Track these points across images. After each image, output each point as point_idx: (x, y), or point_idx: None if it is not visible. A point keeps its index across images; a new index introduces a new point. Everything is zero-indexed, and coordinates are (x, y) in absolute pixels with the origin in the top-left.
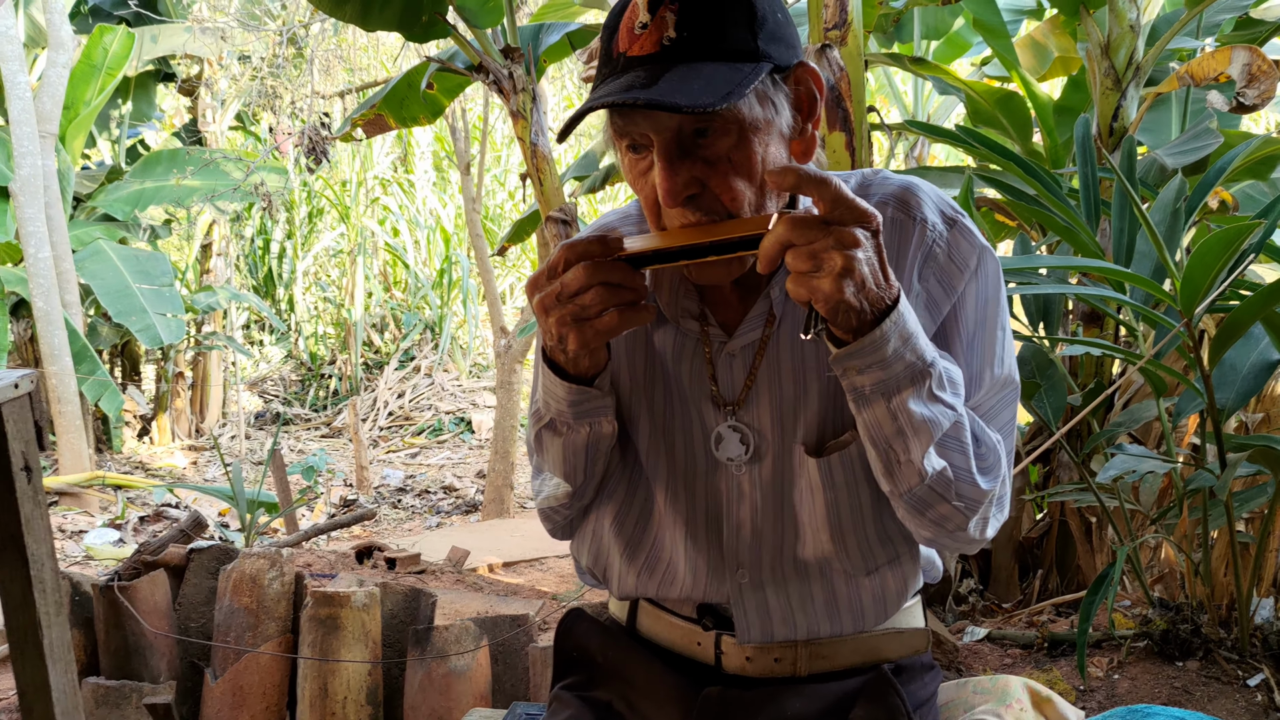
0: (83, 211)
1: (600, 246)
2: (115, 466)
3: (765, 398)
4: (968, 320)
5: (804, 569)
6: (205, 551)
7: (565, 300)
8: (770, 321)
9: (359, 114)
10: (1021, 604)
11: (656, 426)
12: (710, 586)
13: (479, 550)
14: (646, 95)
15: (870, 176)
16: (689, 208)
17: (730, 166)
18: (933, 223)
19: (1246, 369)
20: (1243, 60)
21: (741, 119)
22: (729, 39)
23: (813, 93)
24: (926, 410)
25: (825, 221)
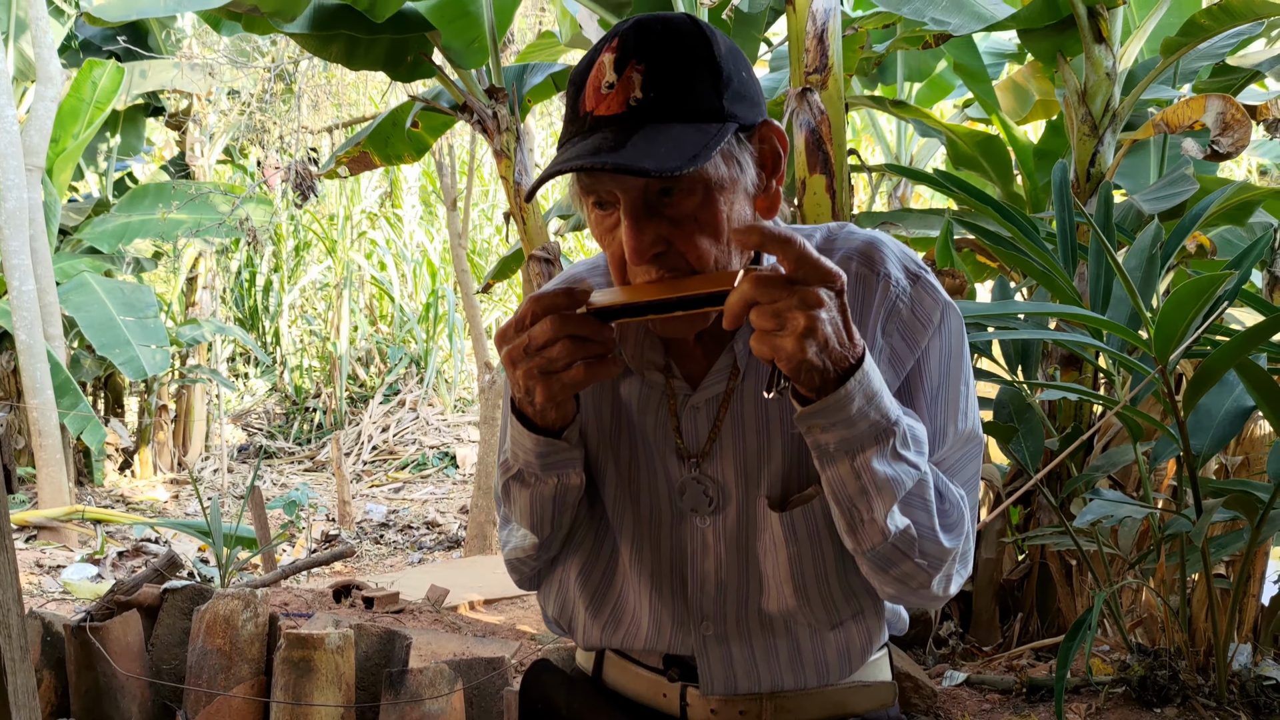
0: (68, 244)
1: (568, 299)
2: (96, 500)
3: (729, 451)
4: (931, 376)
5: (768, 622)
6: (179, 592)
7: (533, 353)
8: (735, 375)
9: (343, 151)
10: (1002, 647)
11: (622, 478)
12: (675, 639)
13: (461, 587)
14: (614, 159)
15: (836, 231)
16: (655, 265)
17: (696, 225)
18: (896, 278)
19: (1221, 415)
20: (1216, 109)
21: (707, 179)
22: (695, 99)
23: (776, 150)
24: (890, 469)
25: (790, 280)
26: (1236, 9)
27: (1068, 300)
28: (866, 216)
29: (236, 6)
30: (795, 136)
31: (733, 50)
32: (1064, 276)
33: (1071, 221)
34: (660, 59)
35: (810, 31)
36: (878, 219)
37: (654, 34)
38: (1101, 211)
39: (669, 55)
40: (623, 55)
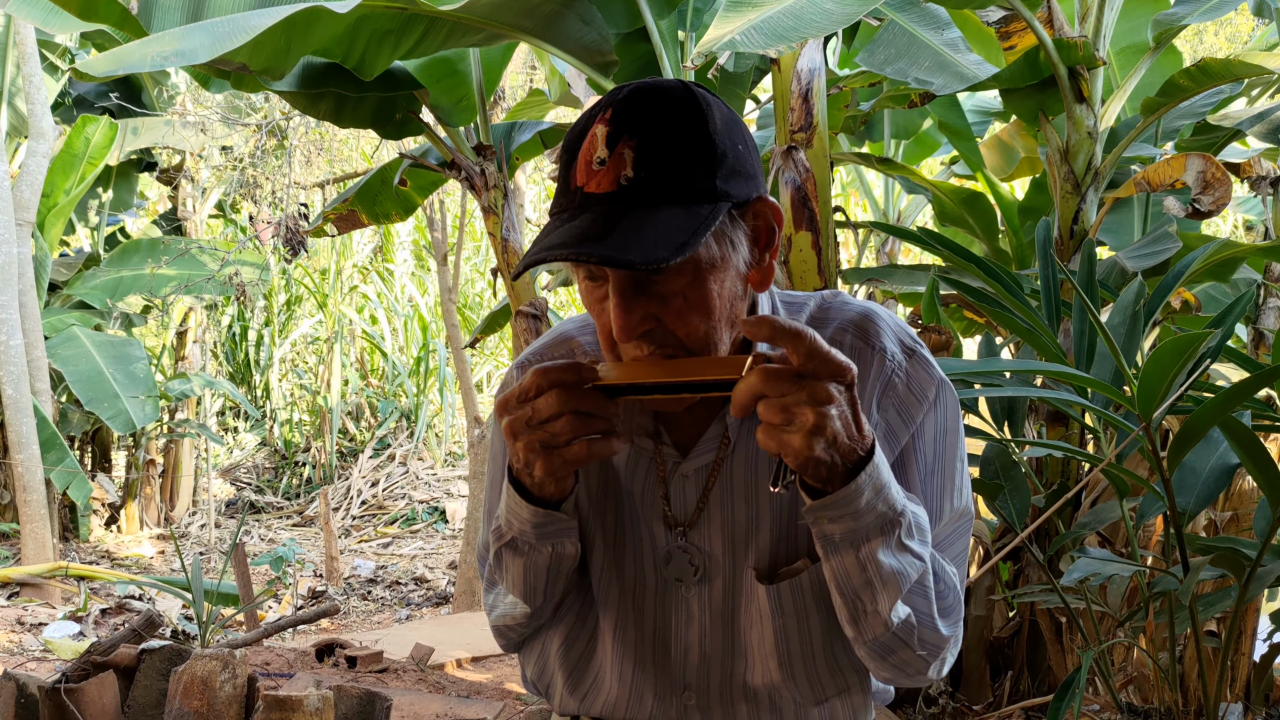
0: (58, 299)
1: (574, 375)
2: (81, 556)
3: (717, 520)
4: (925, 452)
5: (752, 695)
6: (156, 652)
7: (535, 426)
8: (725, 444)
9: (331, 209)
10: (993, 705)
11: (608, 544)
12: (656, 709)
13: (448, 644)
14: (600, 250)
15: (829, 300)
16: (644, 341)
17: (685, 304)
18: (892, 353)
19: (1206, 473)
20: (1197, 168)
21: (699, 259)
22: (688, 179)
23: (771, 225)
24: (895, 561)
25: (799, 374)
26: (1215, 70)
27: (1052, 357)
28: (854, 272)
29: (224, 64)
30: (781, 194)
31: (730, 122)
32: (1048, 334)
33: (1055, 279)
34: (653, 135)
35: (795, 90)
36: (865, 274)
37: (647, 106)
38: (1085, 269)
39: (662, 131)
40: (616, 129)
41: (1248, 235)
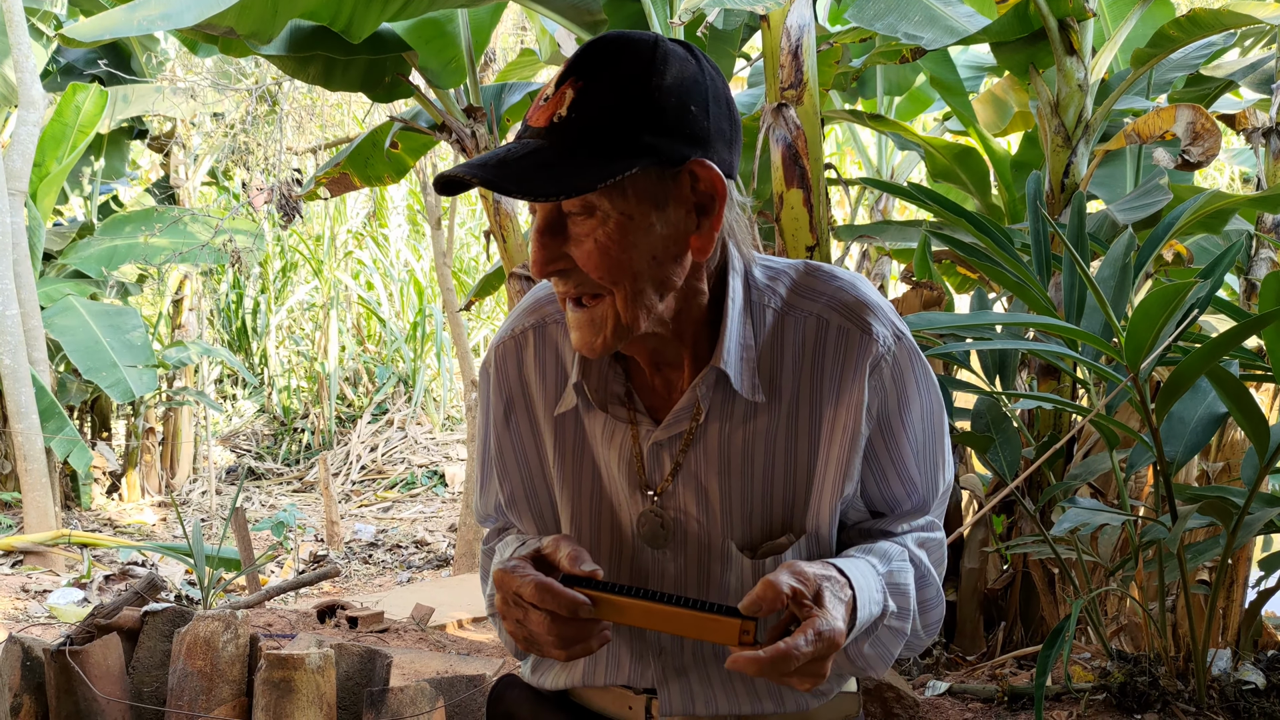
0: (53, 268)
1: (570, 610)
2: (83, 524)
3: (691, 486)
4: (916, 432)
5: (725, 655)
6: (159, 614)
7: (524, 625)
8: (698, 413)
9: (323, 172)
10: (986, 656)
11: (584, 509)
12: (634, 671)
13: (449, 605)
14: (488, 174)
15: (813, 271)
16: (558, 280)
17: (595, 248)
18: (882, 337)
19: (1195, 422)
20: (1187, 119)
21: (613, 207)
22: (611, 130)
23: (710, 191)
24: (880, 647)
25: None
26: (1204, 20)
27: (1042, 311)
28: (847, 229)
29: (211, 28)
30: (772, 151)
31: (686, 82)
32: (1038, 287)
33: (1045, 233)
34: (595, 81)
35: (785, 48)
36: (858, 231)
37: (603, 54)
38: (1074, 222)
39: (604, 79)
40: (569, 70)
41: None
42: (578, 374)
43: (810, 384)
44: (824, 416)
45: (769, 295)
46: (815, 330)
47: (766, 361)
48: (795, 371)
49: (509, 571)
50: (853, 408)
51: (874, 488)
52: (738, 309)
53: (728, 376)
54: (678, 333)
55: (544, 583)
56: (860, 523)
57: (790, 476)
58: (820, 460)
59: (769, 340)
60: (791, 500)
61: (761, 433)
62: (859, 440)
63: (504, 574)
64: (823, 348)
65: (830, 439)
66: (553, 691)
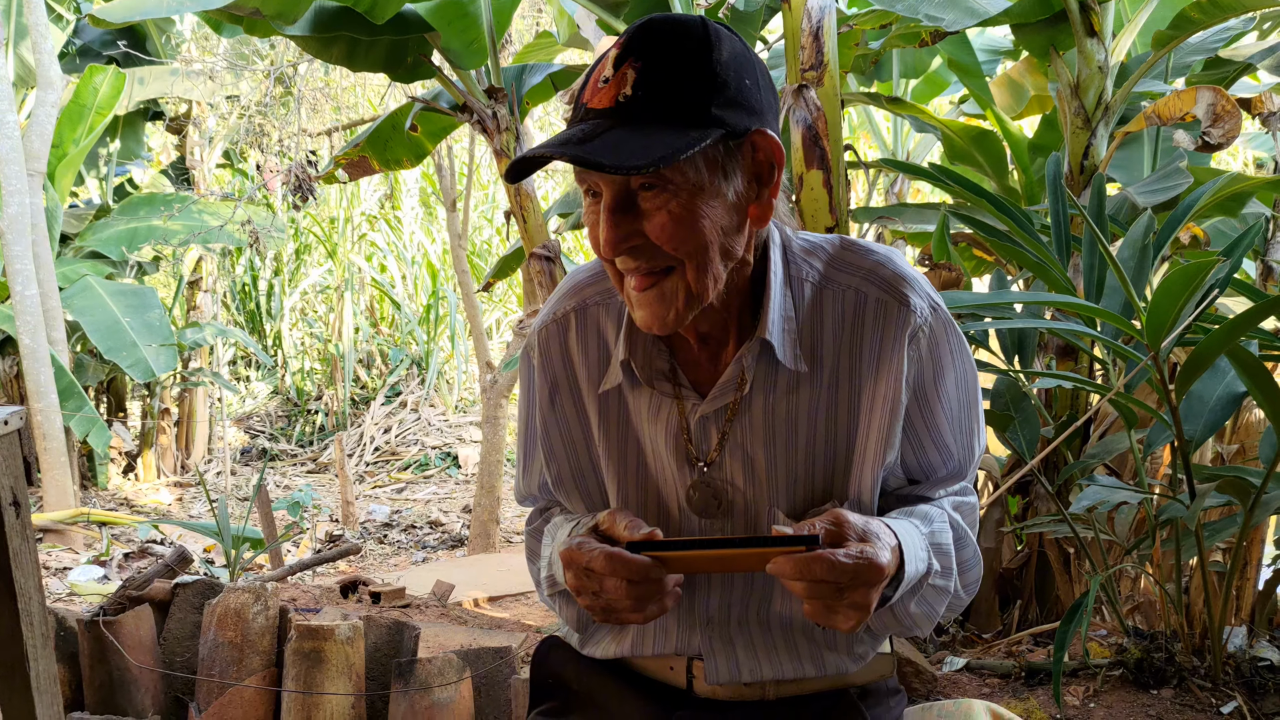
0: (70, 249)
1: (643, 575)
2: (100, 503)
3: (738, 457)
4: (951, 402)
5: (770, 624)
6: (190, 586)
7: (599, 596)
8: (742, 384)
9: (342, 154)
10: (1001, 634)
11: (632, 484)
12: (681, 640)
13: (465, 584)
14: (577, 151)
15: (849, 244)
16: (629, 257)
17: (669, 219)
18: (920, 308)
19: (1214, 401)
20: (1207, 100)
21: (686, 180)
22: (682, 103)
23: (770, 160)
24: (926, 605)
25: (839, 587)
26: (1226, 3)
27: (1062, 291)
28: (864, 212)
29: (238, 9)
30: (792, 133)
31: (741, 56)
32: (1058, 267)
33: (1065, 213)
34: (656, 60)
35: (806, 29)
36: (875, 214)
37: (658, 35)
38: (1094, 203)
39: (665, 57)
40: (624, 52)
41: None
42: (624, 351)
43: (850, 355)
44: (864, 387)
45: (807, 269)
46: (854, 303)
47: (807, 334)
48: (835, 343)
49: (576, 549)
50: (892, 378)
51: (911, 456)
52: (779, 281)
53: (772, 347)
54: (724, 305)
55: (613, 552)
56: (898, 489)
57: (833, 446)
58: (861, 429)
59: (809, 313)
60: (834, 469)
61: (804, 403)
62: (899, 409)
63: (571, 552)
64: (862, 320)
65: (871, 409)
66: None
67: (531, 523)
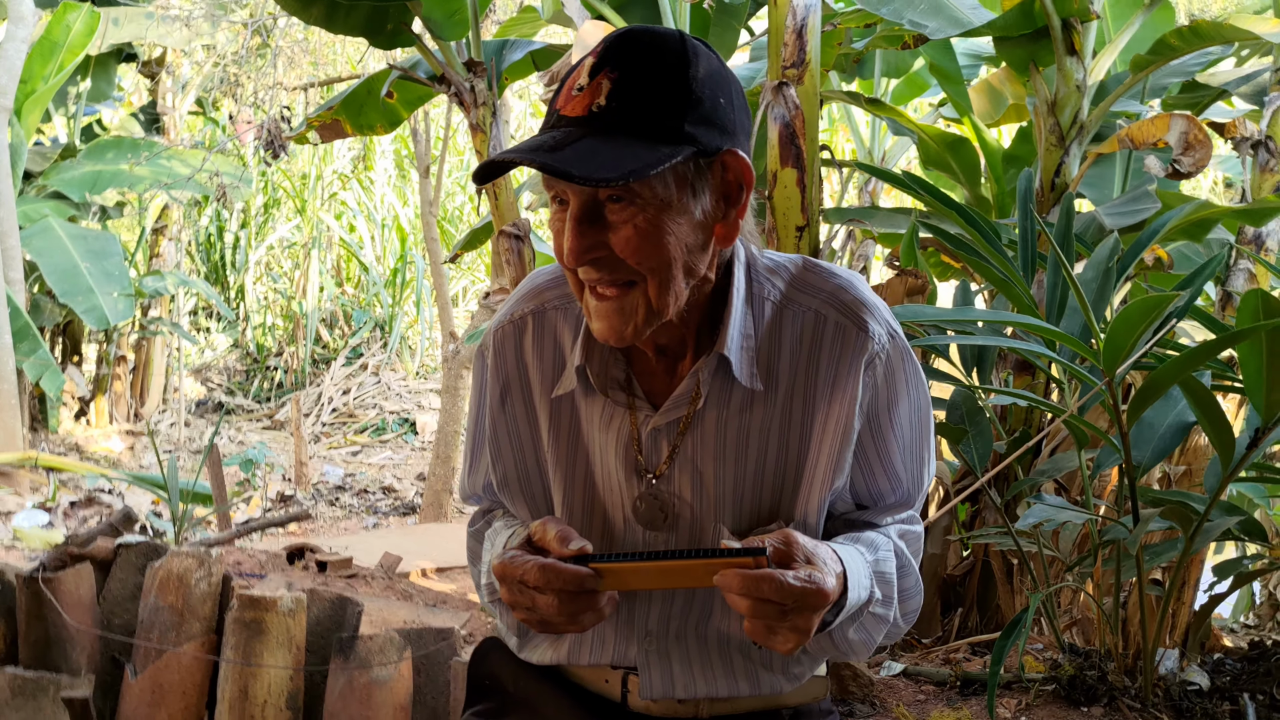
0: (33, 188)
1: (577, 586)
2: (49, 447)
3: (687, 471)
4: (904, 430)
5: (708, 640)
6: (133, 547)
7: (533, 609)
8: (696, 399)
9: (315, 116)
10: (941, 640)
11: (578, 491)
12: (618, 651)
13: (413, 554)
14: (546, 159)
15: (812, 267)
16: (592, 268)
17: (635, 234)
18: (878, 335)
19: (1163, 429)
20: (1180, 128)
21: (654, 195)
22: (655, 118)
23: (739, 180)
24: (864, 633)
25: (783, 609)
26: (1206, 31)
27: (1024, 308)
28: (836, 212)
29: None
30: (769, 129)
31: (716, 76)
32: (1022, 284)
33: (1033, 230)
34: (632, 72)
35: (790, 26)
36: (847, 214)
37: (636, 46)
38: (1062, 224)
39: (642, 69)
40: (601, 61)
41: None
42: (580, 358)
43: (806, 377)
44: (818, 409)
45: (769, 288)
46: (813, 325)
47: (765, 352)
48: (792, 364)
49: (508, 563)
50: (846, 402)
51: (861, 481)
52: (741, 299)
53: (729, 363)
54: (683, 320)
55: (546, 564)
56: (846, 513)
57: (782, 466)
58: (812, 452)
59: (767, 332)
60: (782, 489)
61: (757, 421)
62: (851, 434)
63: (504, 566)
64: (820, 342)
65: (823, 432)
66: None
67: (474, 524)
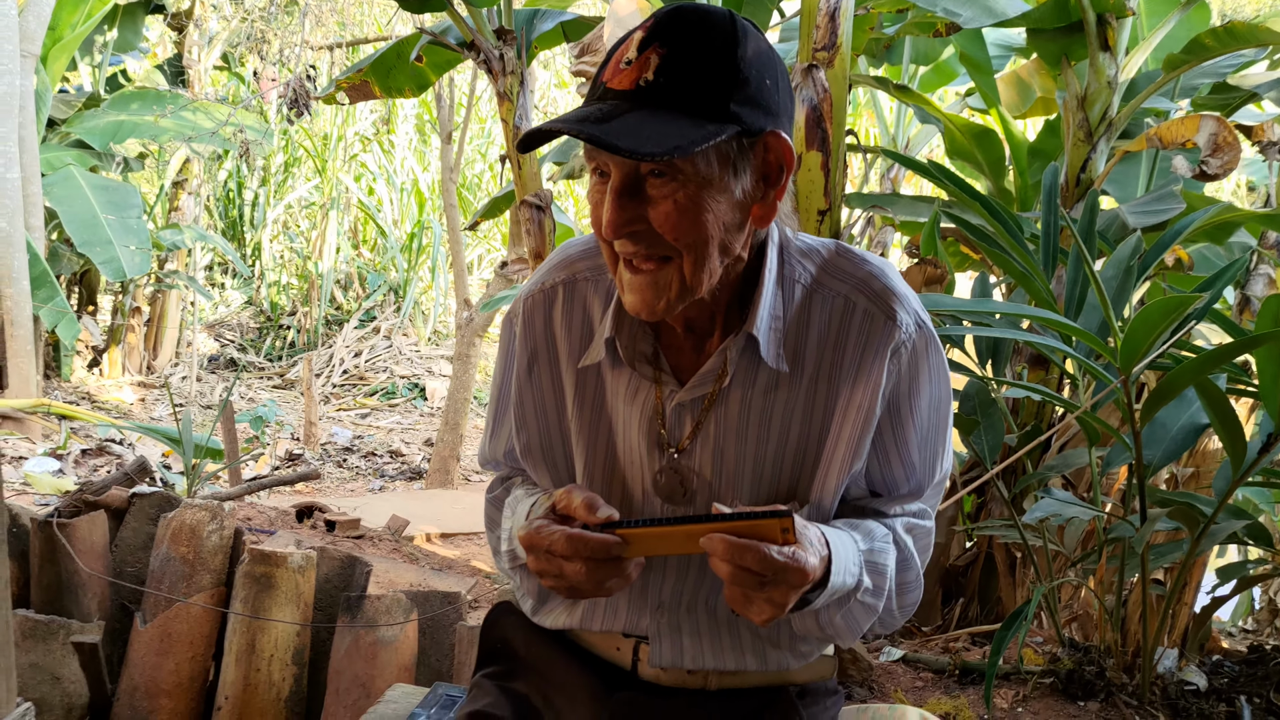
0: (56, 135)
1: (604, 553)
2: (63, 395)
3: (708, 448)
4: (923, 419)
5: (718, 614)
6: (147, 497)
7: (560, 576)
8: (722, 376)
9: (344, 77)
10: (941, 629)
11: (600, 462)
12: (630, 620)
13: (419, 518)
14: (594, 130)
15: (843, 254)
16: (629, 240)
17: (674, 209)
18: (905, 324)
19: (1176, 430)
20: (1210, 130)
21: (696, 171)
22: (702, 95)
23: (780, 162)
24: (851, 620)
25: (761, 580)
26: (1240, 33)
27: (1043, 302)
28: (859, 197)
29: None
30: (796, 111)
31: (763, 56)
32: (1042, 279)
33: (1056, 225)
34: (680, 48)
35: (823, 8)
36: (869, 200)
37: (686, 23)
38: (1086, 219)
39: (690, 46)
40: (650, 36)
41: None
42: (610, 329)
43: (832, 362)
44: (841, 394)
45: (800, 270)
46: (842, 310)
47: (792, 335)
48: (819, 348)
49: (535, 532)
50: (870, 389)
51: (875, 469)
52: (772, 280)
53: (757, 343)
54: (714, 298)
55: (574, 534)
56: (857, 499)
57: (802, 448)
58: (832, 436)
59: (796, 314)
60: (800, 470)
61: (781, 403)
62: (872, 421)
63: (531, 535)
64: (847, 328)
65: (845, 417)
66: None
67: (493, 490)
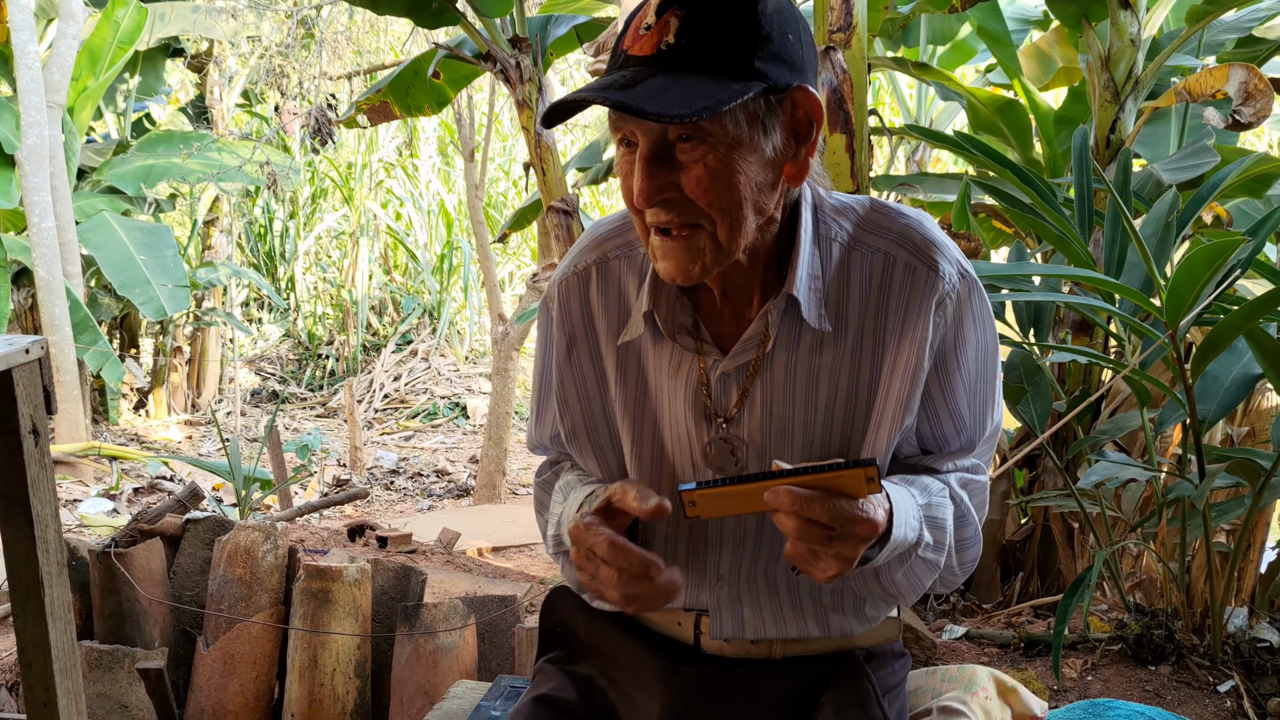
0: (87, 183)
1: (642, 570)
2: (111, 438)
3: (757, 415)
4: (970, 371)
5: (778, 583)
6: (201, 522)
7: (594, 577)
8: (765, 341)
9: (364, 99)
10: (1001, 605)
11: (649, 440)
12: (690, 595)
13: (470, 534)
14: (618, 96)
15: (880, 206)
16: (661, 209)
17: (705, 172)
18: (949, 274)
19: (1228, 382)
20: (1239, 78)
21: (724, 132)
22: (725, 54)
23: (809, 118)
24: (913, 577)
25: (829, 534)
26: None
27: (1083, 264)
28: (885, 179)
29: None
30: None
31: (784, 11)
32: (1080, 241)
33: (1090, 187)
34: (700, 8)
35: None
36: (896, 181)
37: None
38: (1120, 177)
39: (709, 5)
40: (668, 0)
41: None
42: (648, 303)
43: (875, 318)
44: (887, 350)
45: (836, 229)
46: (882, 266)
47: (833, 294)
48: (861, 305)
49: (585, 528)
50: (916, 343)
51: (925, 425)
52: (808, 239)
53: (798, 304)
54: (750, 261)
55: (618, 542)
56: (909, 458)
57: (851, 408)
58: (881, 393)
59: (836, 273)
60: (851, 430)
61: (826, 364)
62: (920, 375)
63: (580, 530)
64: (889, 283)
65: (893, 373)
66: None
67: (541, 474)
